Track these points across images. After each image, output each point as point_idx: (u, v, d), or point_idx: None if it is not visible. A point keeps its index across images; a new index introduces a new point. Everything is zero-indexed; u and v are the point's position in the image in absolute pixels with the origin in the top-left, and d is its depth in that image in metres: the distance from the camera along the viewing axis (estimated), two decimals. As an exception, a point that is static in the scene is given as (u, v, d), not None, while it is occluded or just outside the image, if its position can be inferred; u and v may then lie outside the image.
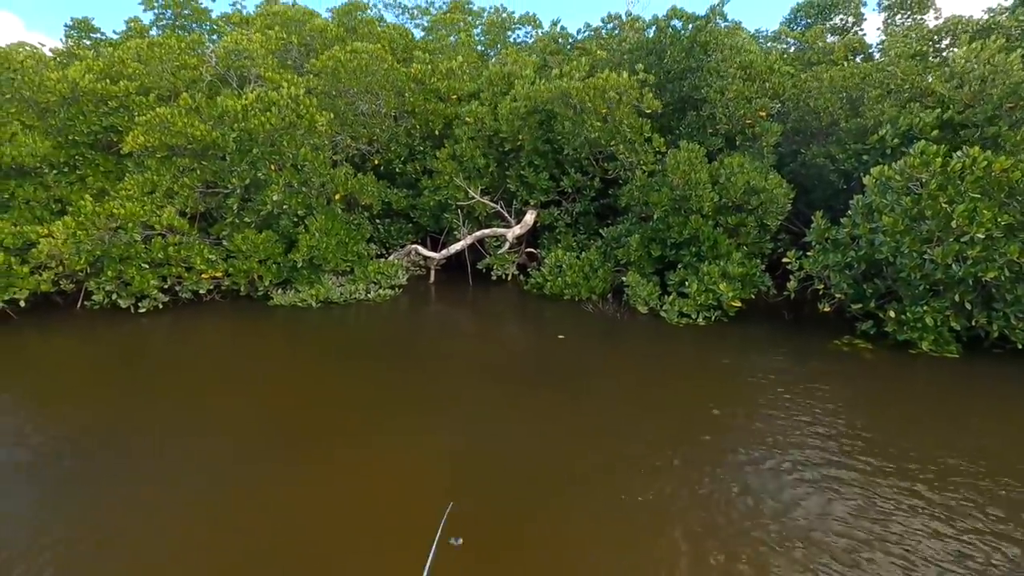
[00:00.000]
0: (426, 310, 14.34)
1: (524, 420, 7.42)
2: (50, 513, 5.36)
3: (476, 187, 15.90)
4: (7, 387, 8.60)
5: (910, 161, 9.27)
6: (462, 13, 24.99)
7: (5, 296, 10.85)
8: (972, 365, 9.07)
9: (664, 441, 6.73)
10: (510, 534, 5.07)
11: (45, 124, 13.89)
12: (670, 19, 16.52)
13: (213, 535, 5.09)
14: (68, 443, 6.69)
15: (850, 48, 21.62)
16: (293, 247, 13.70)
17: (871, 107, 12.83)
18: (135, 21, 19.81)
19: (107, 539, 5.00)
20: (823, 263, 10.71)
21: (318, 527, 5.10)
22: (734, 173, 12.39)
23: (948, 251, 8.72)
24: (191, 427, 7.16)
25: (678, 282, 12.38)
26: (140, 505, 5.48)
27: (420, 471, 6.09)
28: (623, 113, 13.86)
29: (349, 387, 8.64)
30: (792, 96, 15.16)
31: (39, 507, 5.47)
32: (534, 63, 18.46)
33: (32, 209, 13.00)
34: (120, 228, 11.87)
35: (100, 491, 5.71)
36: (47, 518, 5.28)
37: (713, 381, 8.81)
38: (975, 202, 8.60)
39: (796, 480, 5.82)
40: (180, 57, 14.99)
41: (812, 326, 11.35)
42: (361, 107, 16.22)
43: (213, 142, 12.64)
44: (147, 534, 5.06)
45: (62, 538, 4.97)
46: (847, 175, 13.31)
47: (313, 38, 18.52)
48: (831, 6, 24.06)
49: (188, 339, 11.19)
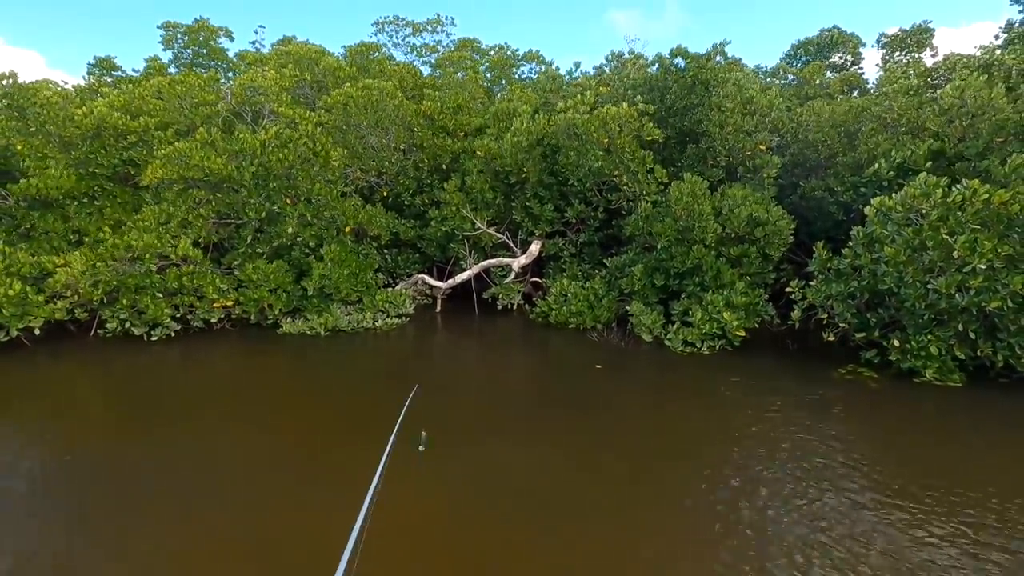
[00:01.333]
0: (433, 339, 14.47)
1: (525, 451, 7.45)
2: (56, 536, 5.43)
3: (483, 218, 16.23)
4: (21, 413, 8.74)
5: (911, 192, 9.47)
6: (469, 51, 25.88)
7: (20, 324, 11.09)
8: (977, 394, 9.07)
9: (668, 475, 6.75)
10: (519, 560, 5.09)
11: (67, 157, 14.40)
12: (673, 57, 17.10)
13: (219, 559, 5.13)
14: (76, 469, 6.79)
15: (846, 83, 22.22)
16: (303, 276, 13.96)
17: (866, 140, 13.15)
18: (154, 59, 20.66)
19: (111, 562, 5.05)
20: (826, 293, 10.83)
21: (324, 553, 5.13)
22: (737, 205, 12.64)
23: (951, 281, 8.83)
24: (200, 454, 7.23)
25: (682, 311, 12.49)
26: (146, 529, 5.53)
27: (422, 497, 6.12)
28: (625, 142, 14.25)
29: (356, 415, 8.71)
30: (790, 130, 15.56)
31: (46, 529, 5.54)
32: (534, 99, 19.05)
33: (50, 239, 13.37)
34: (137, 259, 12.17)
35: (108, 515, 5.78)
36: (54, 539, 5.34)
37: (718, 410, 8.83)
38: (975, 233, 8.75)
39: (803, 513, 5.81)
40: (199, 94, 15.57)
41: (816, 355, 11.38)
42: (371, 141, 16.71)
43: (229, 175, 13.04)
44: (152, 558, 5.11)
45: (63, 557, 5.03)
46: (846, 207, 13.55)
47: (325, 75, 19.22)
48: (830, 45, 24.81)
49: (199, 367, 11.34)
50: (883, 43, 24.69)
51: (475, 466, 6.84)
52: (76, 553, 5.19)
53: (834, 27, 25.63)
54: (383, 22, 26.70)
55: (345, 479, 6.54)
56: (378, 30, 27.17)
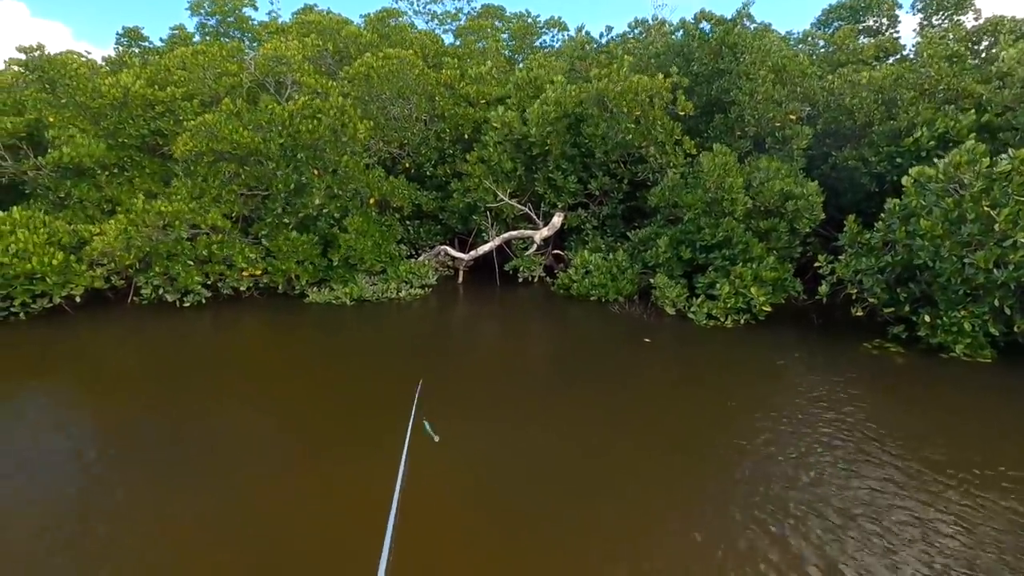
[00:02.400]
0: (455, 310, 14.63)
1: (547, 423, 7.57)
2: (94, 496, 5.75)
3: (505, 190, 16.16)
4: (64, 378, 9.13)
5: (955, 159, 9.16)
6: (491, 19, 25.35)
7: (63, 292, 11.49)
8: (1008, 370, 8.94)
9: (697, 449, 6.85)
10: (540, 532, 5.26)
11: (96, 128, 14.62)
12: (698, 22, 16.57)
13: (241, 527, 5.38)
14: (112, 432, 7.16)
15: (882, 49, 21.31)
16: (328, 247, 14.14)
17: (906, 109, 12.70)
18: (180, 28, 20.67)
19: (146, 525, 5.34)
20: (855, 267, 10.66)
21: (341, 521, 5.31)
22: (769, 178, 12.38)
23: (990, 255, 8.63)
24: (224, 420, 7.51)
25: (707, 285, 12.41)
26: (182, 492, 5.78)
27: (444, 469, 6.24)
28: (656, 115, 13.98)
29: (382, 384, 8.89)
30: (822, 98, 15.06)
31: (79, 491, 5.86)
32: (562, 67, 18.66)
33: (84, 208, 13.70)
34: (168, 226, 12.43)
35: (140, 480, 6.04)
36: (89, 501, 5.66)
37: (744, 384, 8.84)
38: (1020, 205, 8.50)
39: (829, 493, 5.87)
40: (222, 64, 15.59)
41: (841, 329, 11.27)
42: (393, 111, 16.63)
43: (256, 147, 13.13)
44: (184, 522, 5.39)
45: (85, 523, 5.34)
46: (879, 178, 13.19)
47: (347, 44, 19.06)
48: (864, 8, 23.72)
49: (229, 334, 11.68)
50: (919, 7, 23.54)
51: (498, 444, 6.88)
52: (107, 511, 5.49)
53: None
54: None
55: (369, 450, 6.68)
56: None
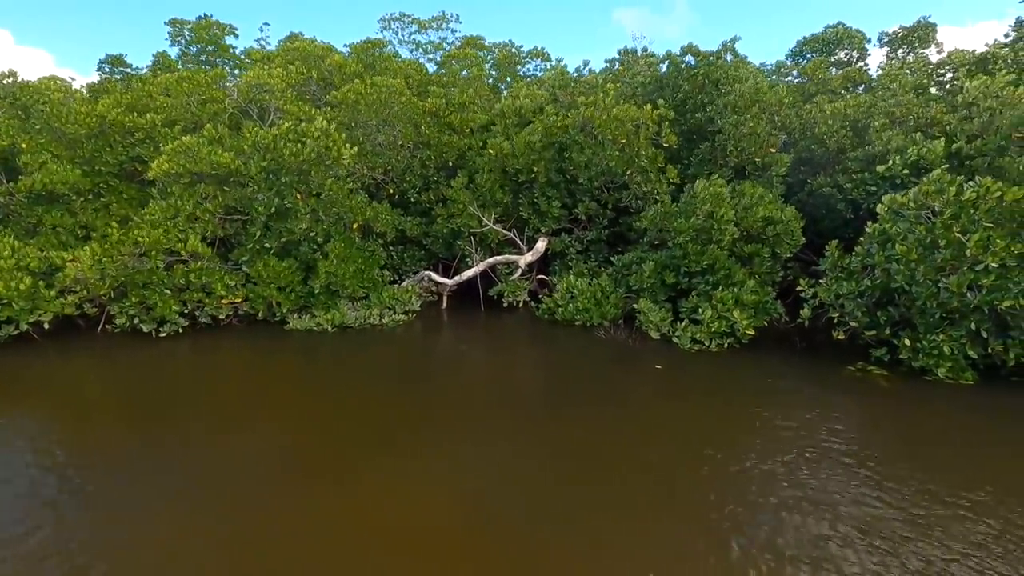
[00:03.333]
0: (439, 336, 14.45)
1: (537, 449, 7.43)
2: (61, 529, 5.43)
3: (490, 215, 16.19)
4: (29, 408, 8.73)
5: (924, 188, 9.42)
6: (474, 48, 25.80)
7: (31, 318, 11.10)
8: (990, 393, 9.03)
9: (679, 474, 6.74)
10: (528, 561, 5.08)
11: (72, 154, 14.36)
12: (684, 55, 17.03)
13: (225, 558, 5.11)
14: (82, 464, 6.82)
15: (850, 79, 22.10)
16: (311, 273, 13.94)
17: (877, 135, 13.10)
18: (162, 55, 20.64)
19: (115, 559, 5.05)
20: (837, 291, 10.79)
21: (329, 550, 5.12)
22: (752, 204, 12.59)
23: (963, 279, 8.80)
24: (204, 450, 7.23)
25: (691, 309, 12.45)
26: (150, 524, 5.53)
27: (431, 497, 6.08)
28: (641, 143, 14.21)
29: (364, 413, 8.68)
30: (798, 127, 15.49)
31: (48, 523, 5.55)
32: (545, 96, 18.96)
33: (58, 235, 13.37)
34: (144, 255, 12.14)
35: (111, 512, 5.77)
36: (59, 534, 5.35)
37: (729, 409, 8.79)
38: (988, 231, 8.71)
39: (810, 519, 5.76)
40: (207, 91, 15.54)
41: (825, 353, 11.34)
42: (378, 138, 16.68)
43: (236, 169, 12.99)
44: (156, 554, 5.11)
45: (64, 553, 5.03)
46: (854, 204, 13.49)
47: (331, 72, 19.16)
48: (835, 41, 24.67)
49: (206, 363, 11.32)
50: (885, 41, 24.57)
51: (484, 472, 6.77)
52: (67, 546, 5.21)
53: (839, 23, 25.48)
54: (389, 19, 26.62)
55: (348, 477, 6.51)
56: (384, 27, 27.11)
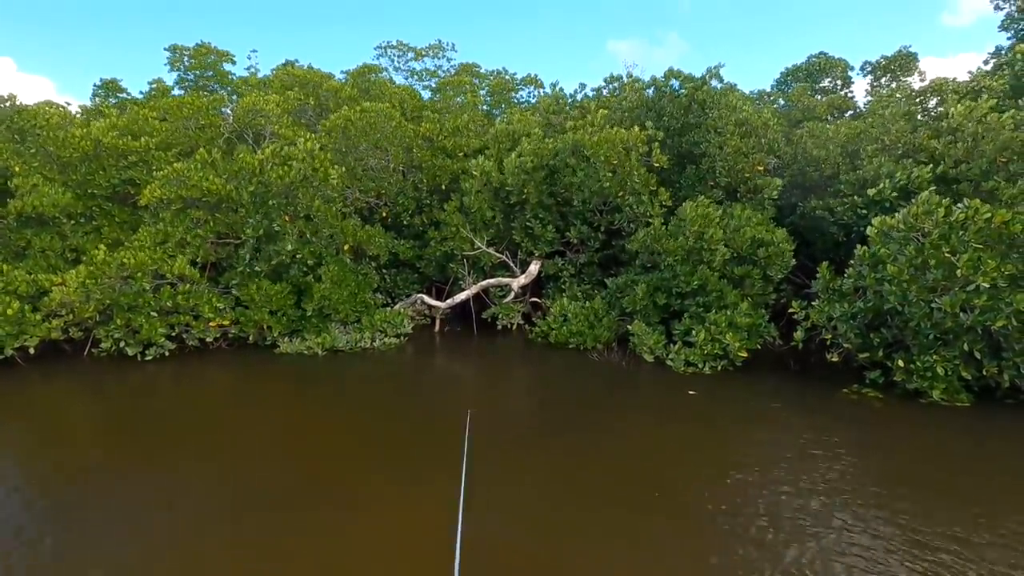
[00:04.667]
0: (432, 359, 14.30)
1: (532, 476, 7.26)
2: (16, 557, 5.21)
3: (483, 238, 16.21)
4: (13, 434, 8.50)
5: (913, 210, 9.50)
6: (468, 75, 26.27)
7: (16, 343, 10.90)
8: (985, 415, 8.94)
9: (673, 499, 6.58)
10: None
11: (65, 177, 14.34)
12: (668, 79, 17.38)
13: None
14: (66, 490, 6.56)
15: (834, 106, 22.57)
16: (302, 296, 13.83)
17: (869, 160, 13.31)
18: (159, 82, 20.87)
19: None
20: (829, 313, 10.77)
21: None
22: (741, 225, 12.67)
23: (955, 300, 8.79)
24: (190, 477, 7.00)
25: (684, 331, 12.39)
26: (118, 554, 5.31)
27: (423, 526, 5.88)
28: (632, 165, 14.36)
29: (354, 439, 8.46)
30: (788, 152, 15.72)
31: (29, 549, 5.32)
32: (538, 122, 19.23)
33: (47, 258, 13.24)
34: (130, 277, 12.02)
35: (96, 541, 5.54)
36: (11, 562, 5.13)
37: (724, 433, 8.66)
38: (978, 252, 8.75)
39: (805, 546, 5.60)
40: (206, 115, 15.65)
41: (819, 375, 11.27)
42: (370, 162, 16.79)
43: (228, 195, 13.00)
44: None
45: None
46: (846, 227, 13.60)
47: (327, 98, 19.42)
48: (820, 70, 25.27)
49: (193, 388, 11.10)
50: (867, 70, 25.20)
51: (479, 502, 6.54)
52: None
53: (821, 53, 26.11)
54: (385, 46, 27.16)
55: (336, 505, 6.31)
56: (380, 54, 27.66)
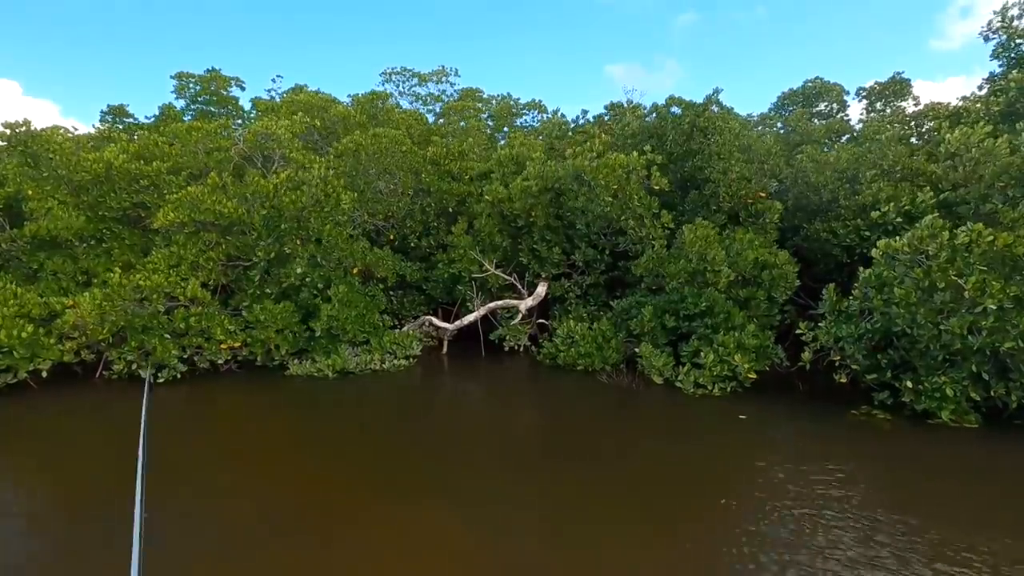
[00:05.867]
0: (440, 381, 14.33)
1: (541, 500, 7.25)
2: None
3: (490, 260, 16.38)
4: (20, 459, 8.48)
5: (918, 233, 9.71)
6: (472, 100, 26.77)
7: (29, 367, 10.91)
8: (994, 436, 9.03)
9: (684, 525, 6.62)
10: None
11: (77, 200, 14.50)
12: (669, 106, 17.81)
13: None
14: (75, 515, 6.58)
15: (832, 130, 23.10)
16: (310, 317, 13.92)
17: (868, 185, 13.62)
18: (169, 107, 21.20)
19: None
20: (836, 334, 10.91)
21: None
22: (744, 248, 12.90)
23: (963, 321, 8.95)
24: (202, 501, 7.01)
25: (692, 353, 12.50)
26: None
27: (430, 550, 5.89)
28: (633, 189, 14.61)
29: (363, 465, 8.44)
30: (789, 176, 16.05)
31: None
32: (541, 146, 19.61)
33: (59, 280, 13.32)
34: (145, 299, 12.09)
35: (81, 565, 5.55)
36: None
37: (735, 457, 8.71)
38: (984, 274, 8.95)
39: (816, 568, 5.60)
40: (215, 140, 15.90)
41: (827, 396, 11.34)
42: (380, 186, 17.03)
43: (240, 218, 13.16)
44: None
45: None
46: (849, 250, 13.84)
47: (335, 123, 19.75)
48: (816, 94, 25.90)
49: (205, 410, 11.12)
50: (862, 96, 25.86)
51: (485, 522, 6.60)
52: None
53: (817, 78, 26.82)
54: (391, 72, 27.69)
55: (346, 530, 6.31)
56: (386, 79, 28.19)
